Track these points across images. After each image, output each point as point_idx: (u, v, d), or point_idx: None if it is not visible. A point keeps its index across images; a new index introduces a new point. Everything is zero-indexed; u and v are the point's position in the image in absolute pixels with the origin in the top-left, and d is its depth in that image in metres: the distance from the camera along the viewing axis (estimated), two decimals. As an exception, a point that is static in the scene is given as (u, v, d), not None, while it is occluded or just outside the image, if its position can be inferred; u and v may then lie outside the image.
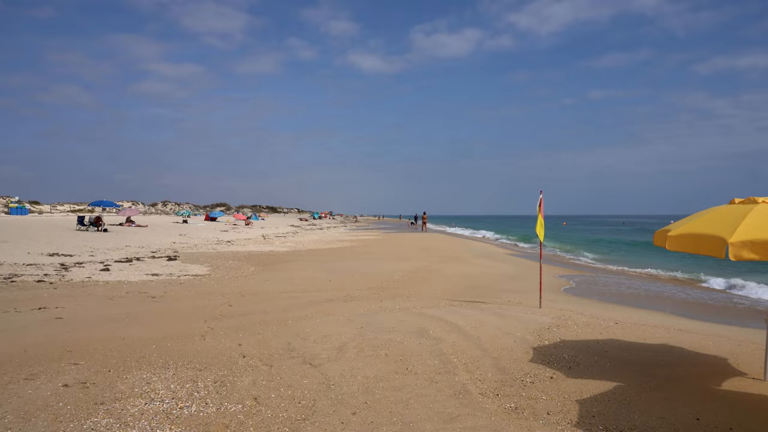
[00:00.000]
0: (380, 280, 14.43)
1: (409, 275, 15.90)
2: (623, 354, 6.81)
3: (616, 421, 4.59)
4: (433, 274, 16.32)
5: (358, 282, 13.99)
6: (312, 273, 15.94)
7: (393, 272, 16.53)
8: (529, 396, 5.18)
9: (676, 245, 5.31)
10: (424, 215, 55.73)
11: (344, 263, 19.35)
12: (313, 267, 17.80)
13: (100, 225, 32.22)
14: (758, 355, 6.71)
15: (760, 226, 4.72)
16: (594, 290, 14.49)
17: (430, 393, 5.22)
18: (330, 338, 7.36)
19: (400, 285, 13.64)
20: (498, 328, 8.12)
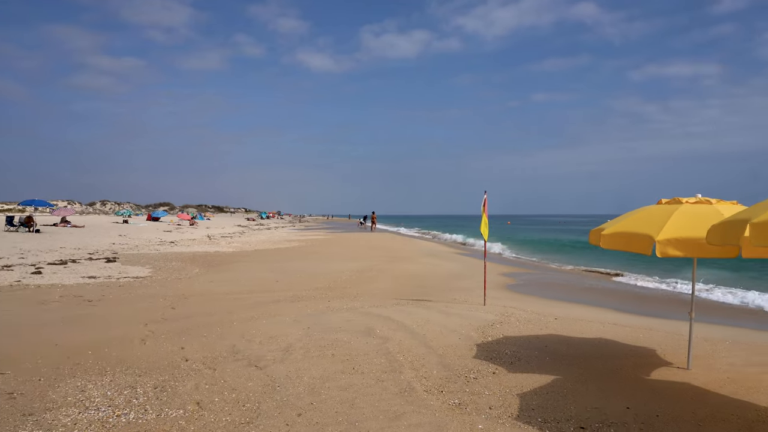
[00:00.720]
0: (328, 280, 14.38)
1: (357, 275, 15.92)
2: (562, 348, 7.09)
3: (553, 412, 4.78)
4: (381, 274, 16.41)
5: (305, 282, 13.88)
6: (259, 273, 15.69)
7: (341, 272, 16.51)
8: (473, 391, 5.31)
9: (610, 243, 5.58)
10: (373, 215, 55.89)
11: (292, 263, 19.15)
12: (261, 267, 17.52)
13: (32, 225, 30.41)
14: (683, 345, 7.14)
15: (684, 225, 5.04)
16: (536, 287, 14.98)
17: (376, 392, 5.26)
18: (276, 339, 7.28)
19: (348, 285, 13.64)
20: (443, 326, 8.27)
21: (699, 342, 7.45)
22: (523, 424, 4.49)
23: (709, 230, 4.35)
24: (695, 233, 4.95)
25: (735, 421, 4.59)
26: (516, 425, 4.48)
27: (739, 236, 3.76)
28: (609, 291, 14.86)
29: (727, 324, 9.82)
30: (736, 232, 3.84)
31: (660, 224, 5.14)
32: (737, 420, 4.61)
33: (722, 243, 4.11)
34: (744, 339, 7.93)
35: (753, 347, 7.31)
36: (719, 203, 5.52)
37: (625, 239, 5.39)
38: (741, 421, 4.60)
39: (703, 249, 5.01)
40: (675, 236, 4.99)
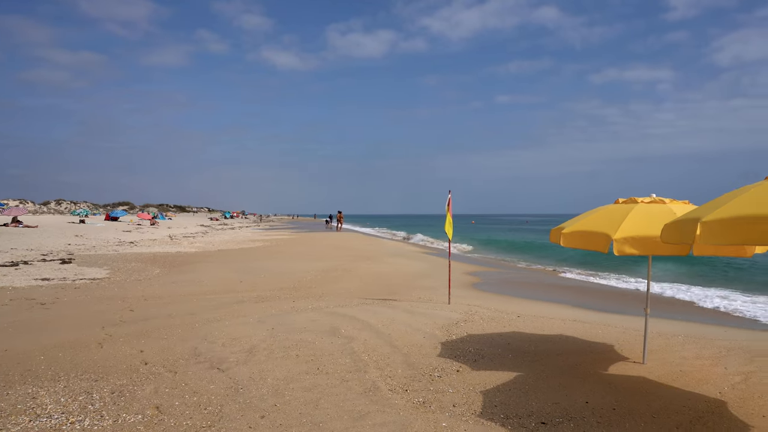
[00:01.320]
0: (293, 280, 14.25)
1: (323, 275, 15.83)
2: (524, 345, 7.22)
3: (516, 408, 4.86)
4: (347, 273, 16.36)
5: (270, 282, 13.72)
6: (222, 274, 15.42)
7: (306, 272, 16.39)
8: (437, 390, 5.35)
9: (569, 242, 5.72)
10: (339, 214, 55.68)
11: (256, 263, 18.89)
12: (224, 268, 17.22)
13: (-20, 226, 29.08)
14: (639, 341, 7.38)
15: (639, 224, 5.21)
16: (500, 286, 15.22)
17: (341, 392, 5.24)
18: (239, 341, 7.17)
19: (313, 284, 13.55)
20: (408, 325, 8.31)
21: (654, 337, 7.71)
22: (486, 421, 4.55)
23: (662, 229, 4.50)
24: (650, 232, 5.12)
25: (686, 412, 4.77)
26: (479, 422, 4.54)
27: (691, 235, 3.90)
28: (570, 288, 15.21)
29: (680, 319, 10.20)
30: (688, 230, 3.98)
31: (617, 223, 5.29)
32: (688, 411, 4.79)
33: (675, 241, 4.25)
34: (695, 333, 8.25)
35: (703, 341, 7.61)
36: (672, 203, 5.72)
37: (584, 238, 5.53)
38: (692, 412, 4.78)
39: (657, 247, 5.18)
40: (631, 235, 5.14)
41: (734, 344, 7.47)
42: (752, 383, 5.66)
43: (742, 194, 3.84)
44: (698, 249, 5.35)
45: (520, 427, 4.44)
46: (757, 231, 3.42)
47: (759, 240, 3.45)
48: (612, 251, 5.21)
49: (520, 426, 4.46)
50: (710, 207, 4.08)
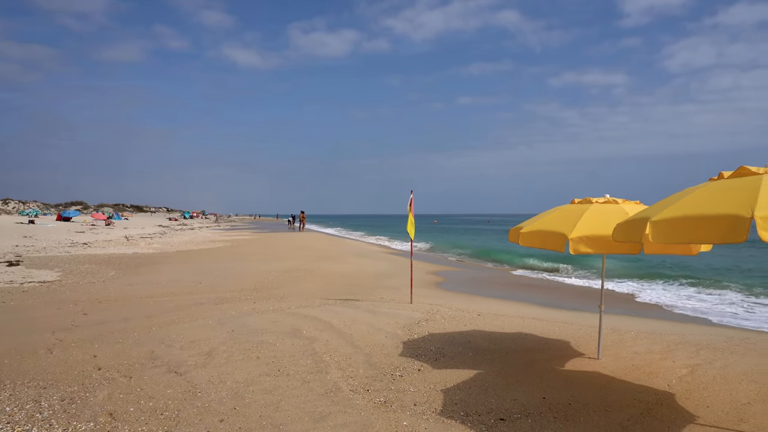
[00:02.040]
0: (254, 281, 14.05)
1: (285, 275, 15.68)
2: (484, 343, 7.33)
3: (475, 406, 4.93)
4: (309, 274, 16.25)
5: (230, 283, 13.49)
6: (181, 275, 15.06)
7: (268, 272, 16.19)
8: (398, 389, 5.38)
9: (527, 242, 5.84)
10: (302, 214, 55.24)
11: (216, 264, 18.54)
12: (182, 269, 16.83)
13: None
14: (594, 337, 7.61)
15: (594, 223, 5.37)
16: (461, 284, 15.40)
17: (302, 393, 5.20)
18: (198, 343, 7.02)
19: (275, 285, 13.40)
20: (371, 325, 8.32)
21: (608, 333, 7.96)
22: (447, 419, 4.61)
23: (615, 228, 4.66)
24: (604, 231, 5.28)
25: (637, 405, 4.95)
26: (439, 420, 4.58)
27: (641, 234, 4.05)
28: (531, 286, 15.54)
29: (633, 315, 10.56)
30: (638, 229, 4.13)
31: (572, 223, 5.44)
32: (639, 404, 4.97)
33: (626, 240, 4.40)
34: (646, 329, 8.56)
35: (653, 336, 7.91)
36: (625, 203, 5.92)
37: (541, 237, 5.66)
38: (642, 404, 4.96)
39: (610, 246, 5.35)
40: (586, 234, 5.29)
41: (682, 338, 7.79)
42: (697, 375, 5.92)
43: (688, 195, 4.01)
44: (648, 248, 5.55)
45: (479, 424, 4.51)
46: (701, 230, 3.58)
47: (703, 239, 3.62)
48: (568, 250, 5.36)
49: (480, 423, 4.53)
50: (659, 207, 4.24)
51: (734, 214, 3.38)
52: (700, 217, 3.61)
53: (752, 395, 5.26)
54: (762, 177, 3.76)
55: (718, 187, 3.92)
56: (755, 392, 5.35)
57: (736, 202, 3.50)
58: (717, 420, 4.62)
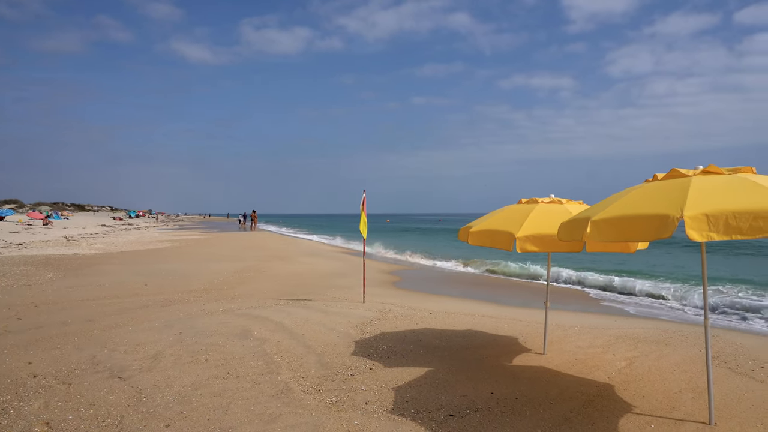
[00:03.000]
0: (203, 282, 13.72)
1: (236, 275, 15.39)
2: (435, 341, 7.45)
3: (426, 403, 5.01)
4: (261, 274, 16.02)
5: (178, 285, 13.12)
6: (125, 277, 14.52)
7: (218, 273, 15.85)
8: (350, 388, 5.39)
9: (476, 240, 5.97)
10: (253, 213, 54.34)
11: (164, 265, 17.99)
12: (128, 270, 16.23)
13: None
14: (541, 333, 7.86)
15: (539, 223, 5.55)
16: (413, 283, 15.56)
17: (252, 395, 5.14)
18: (143, 347, 6.81)
19: (225, 286, 13.13)
20: (323, 325, 8.29)
21: (553, 329, 8.24)
22: (397, 417, 4.66)
23: (559, 227, 4.83)
24: (549, 230, 5.46)
25: (579, 397, 5.15)
26: (390, 418, 4.63)
27: (583, 232, 4.22)
28: (481, 284, 15.86)
29: (577, 311, 10.97)
30: (580, 228, 4.31)
31: (519, 222, 5.60)
32: (581, 396, 5.18)
33: (569, 239, 4.58)
34: (589, 324, 8.92)
35: (596, 331, 8.25)
36: (568, 203, 6.15)
37: (489, 236, 5.80)
38: (584, 396, 5.17)
39: (555, 244, 5.54)
40: (532, 233, 5.47)
41: (622, 332, 8.15)
42: (635, 367, 6.22)
43: (625, 196, 4.21)
44: (590, 246, 5.78)
45: (429, 420, 4.59)
46: (636, 229, 3.77)
47: (639, 237, 3.81)
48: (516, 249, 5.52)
49: (430, 420, 4.60)
50: (599, 207, 4.44)
51: (665, 213, 3.58)
52: (636, 216, 3.80)
53: (683, 384, 5.58)
54: (691, 179, 4.00)
55: (652, 189, 4.14)
56: (686, 381, 5.68)
57: (667, 203, 3.71)
58: (651, 409, 4.87)
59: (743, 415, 4.72)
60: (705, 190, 3.77)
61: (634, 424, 4.52)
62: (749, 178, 3.87)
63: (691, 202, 3.60)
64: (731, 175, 4.05)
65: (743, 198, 3.54)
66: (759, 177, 3.95)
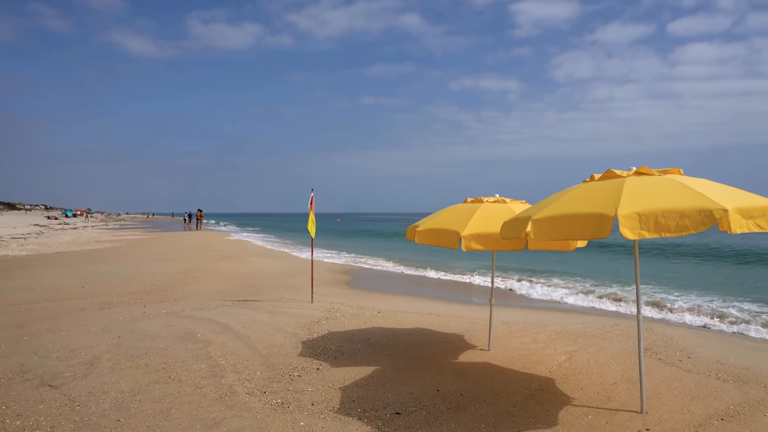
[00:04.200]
0: (145, 284, 13.23)
1: (180, 276, 14.92)
2: (383, 340, 7.48)
3: (372, 401, 5.02)
4: (207, 274, 15.61)
5: (118, 286, 12.58)
6: (60, 279, 13.80)
7: (161, 274, 15.32)
8: (296, 389, 5.33)
9: (423, 239, 6.03)
10: (199, 212, 52.86)
11: (103, 266, 17.23)
12: (63, 272, 15.44)
13: None
14: (486, 329, 8.03)
15: (484, 222, 5.67)
16: (363, 282, 15.57)
17: (195, 399, 4.99)
18: (78, 352, 6.49)
19: (169, 287, 12.71)
20: (270, 326, 8.16)
21: (498, 325, 8.44)
22: (344, 416, 4.64)
23: (502, 226, 4.95)
24: (493, 229, 5.58)
25: (522, 391, 5.30)
26: (337, 418, 4.61)
27: (524, 231, 4.34)
28: (429, 283, 16.05)
29: (521, 308, 11.28)
30: (522, 227, 4.43)
31: (465, 221, 5.70)
32: (524, 390, 5.33)
33: (512, 237, 4.70)
34: (532, 320, 9.19)
35: (538, 327, 8.51)
36: (512, 202, 6.31)
37: (435, 235, 5.88)
38: (527, 390, 5.33)
39: (499, 243, 5.67)
40: (477, 232, 5.57)
41: (563, 328, 8.45)
42: (574, 361, 6.46)
43: (564, 196, 4.36)
44: (532, 244, 5.96)
45: (376, 419, 4.60)
46: (574, 228, 3.91)
47: (576, 235, 3.96)
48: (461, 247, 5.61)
49: (376, 418, 4.61)
50: (539, 206, 4.57)
51: (601, 213, 3.73)
52: (574, 215, 3.94)
53: (618, 376, 5.84)
54: (625, 180, 4.19)
55: (589, 189, 4.31)
56: (621, 373, 5.95)
57: (603, 202, 3.87)
58: (589, 400, 5.07)
59: (671, 403, 5.00)
60: (637, 190, 3.96)
61: (573, 415, 4.69)
62: (676, 179, 4.09)
63: (625, 201, 3.77)
64: (661, 176, 4.27)
65: (671, 198, 3.74)
66: (685, 178, 4.18)
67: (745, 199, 3.81)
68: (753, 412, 4.81)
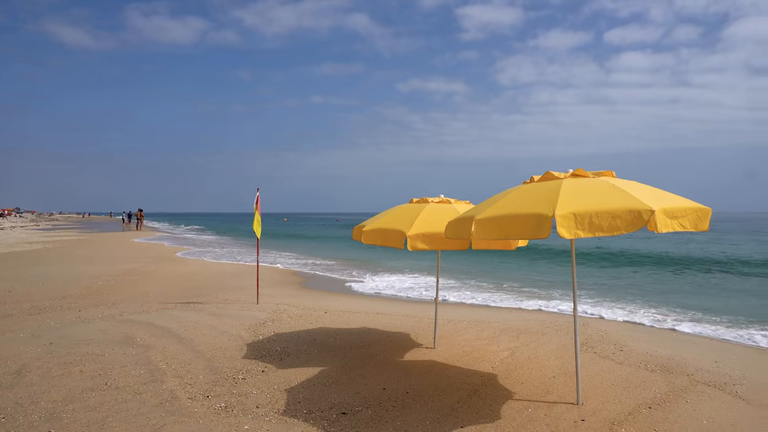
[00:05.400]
0: (80, 287, 12.61)
1: (119, 278, 14.32)
2: (329, 340, 7.46)
3: (318, 402, 5.00)
4: (146, 276, 15.05)
5: (50, 290, 11.93)
6: (-16, 284, 12.94)
7: (98, 277, 14.64)
8: (240, 393, 5.24)
9: (369, 239, 6.06)
10: (139, 212, 50.86)
11: (32, 269, 16.28)
12: (-13, 276, 14.48)
13: None
14: (432, 328, 8.16)
15: (429, 222, 5.76)
16: (311, 283, 15.45)
17: (133, 407, 4.81)
18: (5, 361, 6.12)
19: (106, 290, 12.17)
20: (213, 328, 7.98)
21: (444, 324, 8.59)
22: (289, 418, 4.60)
23: (446, 226, 5.04)
24: (438, 229, 5.68)
25: (466, 388, 5.42)
26: (282, 420, 4.56)
27: (467, 231, 4.44)
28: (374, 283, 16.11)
29: (466, 306, 11.52)
30: (466, 227, 4.53)
31: (410, 221, 5.77)
32: (467, 387, 5.46)
33: (456, 237, 4.80)
34: (476, 318, 9.41)
35: (482, 324, 8.72)
36: (456, 202, 6.44)
37: (381, 235, 5.92)
38: (470, 387, 5.46)
39: (444, 242, 5.78)
40: (422, 232, 5.65)
41: (505, 325, 8.70)
42: (516, 356, 6.68)
43: (506, 196, 4.50)
44: (475, 243, 6.10)
45: (321, 420, 4.58)
46: (515, 227, 4.04)
47: (518, 235, 4.09)
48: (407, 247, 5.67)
49: (322, 419, 4.60)
50: (483, 207, 4.70)
51: (540, 213, 3.87)
52: (514, 215, 4.08)
53: (557, 370, 6.08)
54: (562, 181, 4.36)
55: (529, 190, 4.46)
56: (559, 367, 6.19)
57: (541, 203, 4.02)
58: (529, 394, 5.25)
59: (605, 394, 5.25)
60: (573, 191, 4.13)
61: (514, 409, 4.85)
62: (609, 181, 4.30)
63: (562, 202, 3.93)
64: (595, 178, 4.48)
65: (604, 200, 3.93)
66: (617, 180, 4.41)
67: (670, 201, 4.06)
68: (677, 400, 5.13)
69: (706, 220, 4.14)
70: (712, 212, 4.20)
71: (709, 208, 4.18)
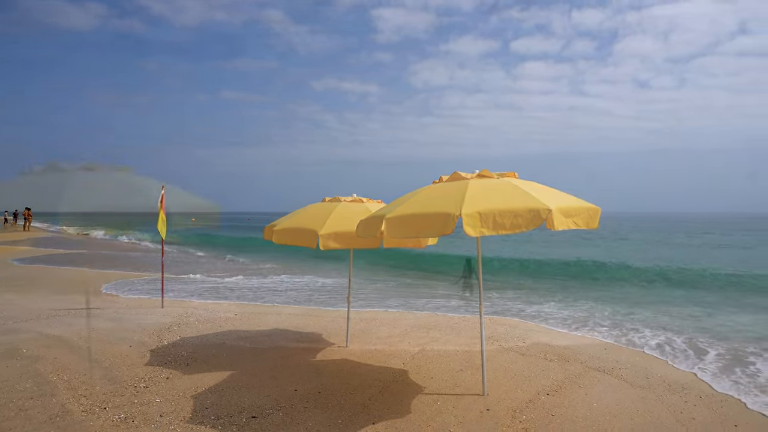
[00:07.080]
0: (-46, 295, 11.31)
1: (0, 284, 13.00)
2: (239, 343, 7.25)
3: (227, 407, 4.84)
4: (35, 281, 13.80)
5: None
6: None
7: (-25, 283, 13.21)
8: (142, 402, 4.96)
9: (281, 239, 5.96)
10: (27, 211, 46.46)
11: None
12: None
13: None
14: (344, 327, 8.17)
15: (341, 220, 5.76)
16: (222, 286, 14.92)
17: (17, 424, 4.40)
18: None
19: (-15, 298, 11.01)
20: (113, 335, 7.48)
21: (356, 322, 8.64)
22: (196, 425, 4.42)
23: (357, 225, 5.08)
24: (350, 228, 5.69)
25: (377, 384, 5.50)
26: (188, 428, 4.37)
27: (378, 229, 4.50)
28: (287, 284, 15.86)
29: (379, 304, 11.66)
30: (376, 226, 4.59)
31: (323, 220, 5.75)
32: (379, 383, 5.53)
33: (367, 235, 4.84)
34: (389, 316, 9.56)
35: (394, 322, 8.88)
36: (369, 201, 6.49)
37: (293, 234, 5.84)
38: (381, 383, 5.53)
39: (356, 241, 5.79)
40: (334, 231, 5.64)
41: (416, 323, 8.91)
42: (425, 352, 6.86)
43: (415, 196, 4.61)
44: (387, 242, 6.19)
45: (230, 425, 4.45)
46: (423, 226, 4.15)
47: (427, 233, 4.21)
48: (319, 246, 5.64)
49: (231, 424, 4.47)
50: (393, 206, 4.78)
51: (447, 212, 4.01)
52: (423, 214, 4.19)
53: (464, 363, 6.33)
54: (469, 181, 4.55)
55: (437, 189, 4.61)
56: (467, 360, 6.45)
57: (449, 202, 4.16)
58: (438, 388, 5.42)
59: (508, 384, 5.54)
60: (479, 191, 4.32)
61: (424, 403, 4.98)
62: (512, 182, 4.54)
63: (468, 201, 4.09)
64: (499, 179, 4.71)
65: (507, 199, 4.14)
66: (519, 181, 4.66)
67: (566, 201, 4.36)
68: (572, 386, 5.52)
69: (596, 219, 4.50)
70: (601, 211, 4.57)
71: (599, 208, 4.55)
